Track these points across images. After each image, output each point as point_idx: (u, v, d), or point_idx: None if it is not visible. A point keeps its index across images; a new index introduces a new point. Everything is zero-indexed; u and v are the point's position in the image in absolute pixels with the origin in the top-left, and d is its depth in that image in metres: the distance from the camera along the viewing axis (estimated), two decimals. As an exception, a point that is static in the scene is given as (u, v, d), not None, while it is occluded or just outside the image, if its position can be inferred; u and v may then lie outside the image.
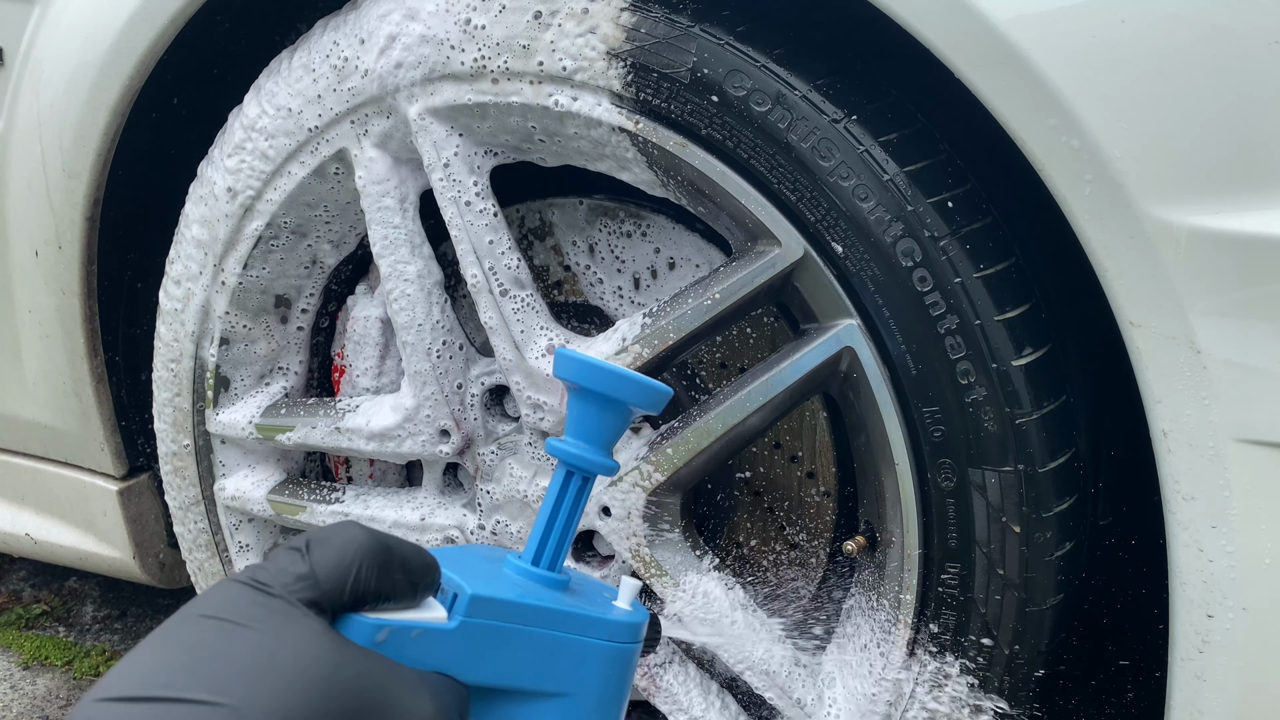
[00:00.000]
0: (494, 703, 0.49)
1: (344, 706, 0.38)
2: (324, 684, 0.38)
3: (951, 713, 0.85)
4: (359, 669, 0.40)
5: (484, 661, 0.47)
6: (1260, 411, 0.65)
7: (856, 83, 0.79)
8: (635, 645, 0.54)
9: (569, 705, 0.50)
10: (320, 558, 0.42)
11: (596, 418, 0.56)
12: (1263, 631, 0.68)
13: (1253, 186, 0.64)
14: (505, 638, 0.48)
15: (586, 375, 0.54)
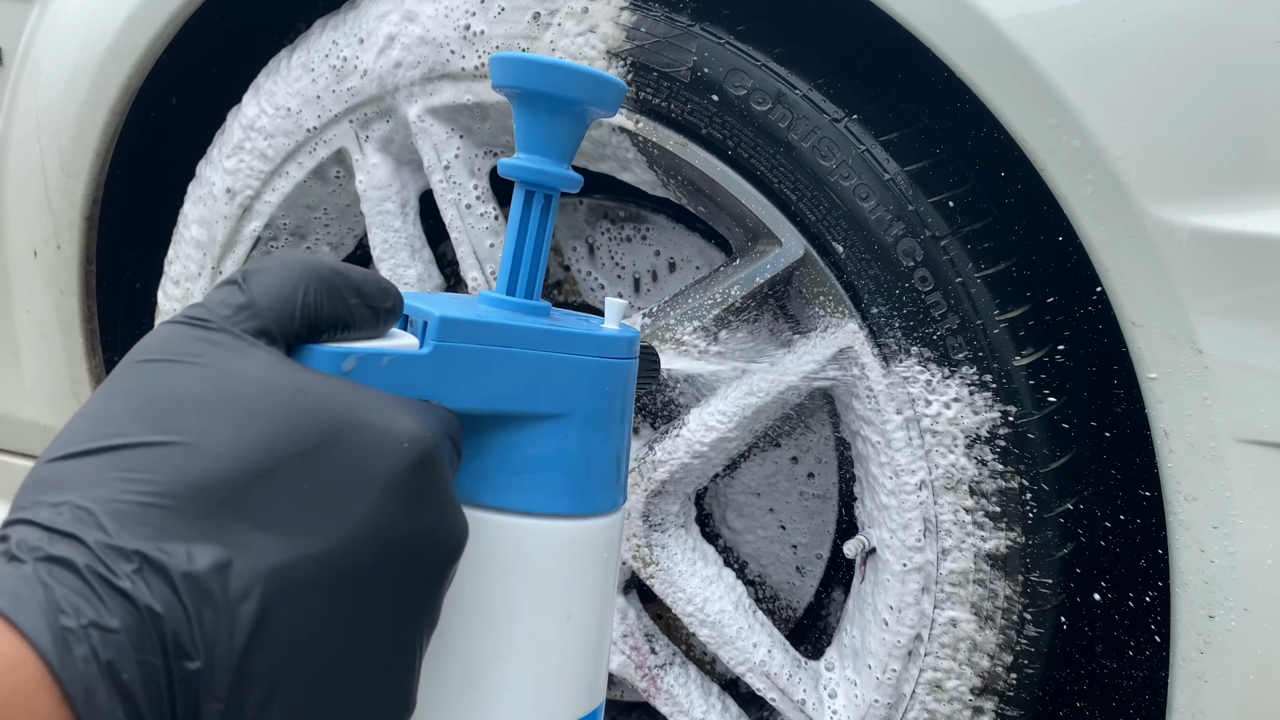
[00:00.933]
0: (490, 430, 0.46)
1: (311, 431, 0.35)
2: (285, 410, 0.35)
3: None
4: (324, 392, 0.37)
5: (468, 387, 0.44)
6: (1262, 412, 0.65)
7: (857, 82, 0.79)
8: (629, 360, 0.50)
9: (568, 426, 0.47)
10: (259, 285, 0.38)
11: (546, 125, 0.49)
12: (1264, 632, 0.68)
13: (1254, 186, 0.64)
14: (486, 361, 0.45)
15: (528, 75, 0.47)
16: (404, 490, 0.37)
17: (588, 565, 0.49)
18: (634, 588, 1.05)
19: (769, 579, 1.07)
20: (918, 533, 0.83)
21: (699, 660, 1.09)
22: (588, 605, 0.49)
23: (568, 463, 0.47)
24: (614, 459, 0.49)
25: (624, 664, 1.01)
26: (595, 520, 0.48)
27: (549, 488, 0.47)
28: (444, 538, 0.38)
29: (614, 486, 0.50)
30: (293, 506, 0.34)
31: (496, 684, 0.46)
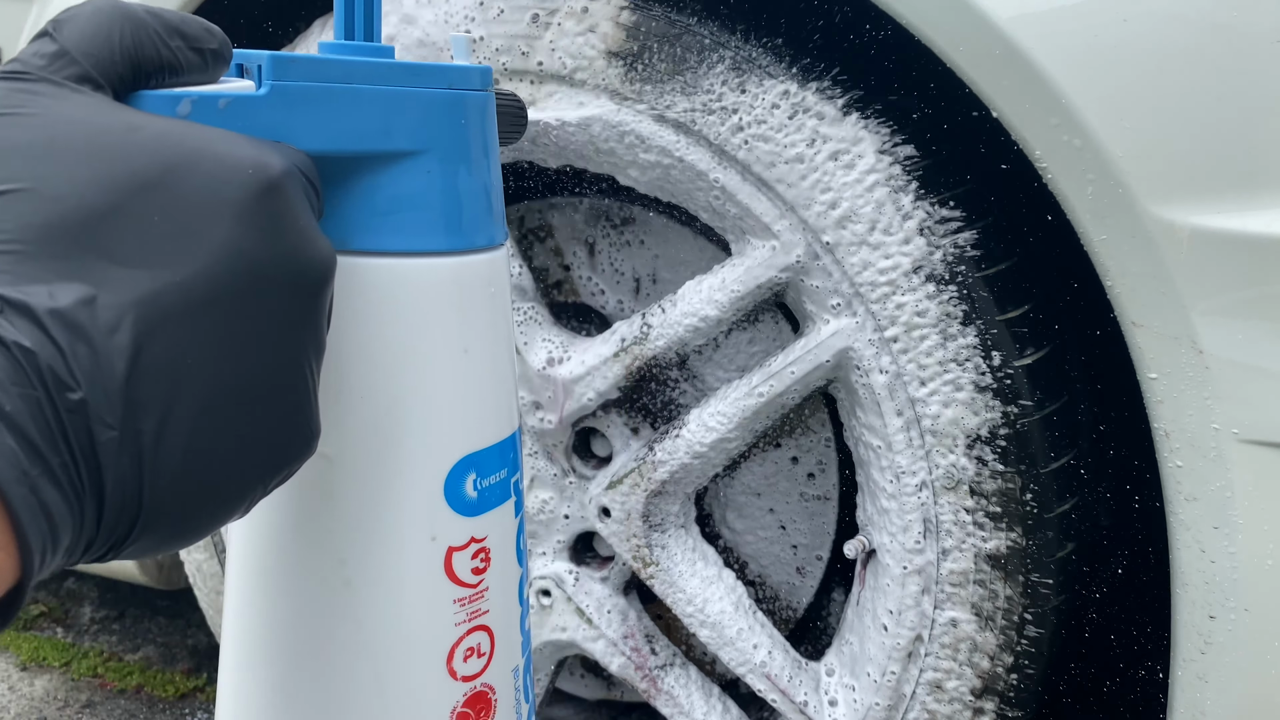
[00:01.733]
0: (352, 174, 0.46)
1: (151, 165, 0.35)
2: (120, 147, 0.35)
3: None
4: (159, 129, 0.36)
5: (314, 127, 0.43)
6: (1262, 412, 0.65)
7: (857, 82, 0.79)
8: (483, 93, 0.49)
9: (429, 162, 0.47)
10: (71, 32, 0.38)
11: None
12: (1265, 632, 0.68)
13: (1255, 186, 0.64)
14: (329, 98, 0.44)
15: None
16: (257, 215, 0.37)
17: (475, 299, 0.49)
18: (634, 588, 1.05)
19: (769, 579, 1.07)
20: (917, 534, 0.83)
21: (699, 661, 1.09)
22: (483, 337, 0.50)
23: (435, 199, 0.47)
24: (483, 193, 0.49)
25: (624, 665, 1.01)
26: (474, 256, 0.49)
27: (420, 225, 0.47)
28: (307, 261, 0.39)
29: (488, 221, 0.50)
30: (146, 240, 0.34)
31: (405, 424, 0.47)
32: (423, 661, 0.49)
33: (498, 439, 0.51)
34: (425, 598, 0.49)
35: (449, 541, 0.49)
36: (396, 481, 0.48)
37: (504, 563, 0.52)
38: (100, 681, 1.56)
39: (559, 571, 1.02)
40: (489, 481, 0.51)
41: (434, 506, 0.48)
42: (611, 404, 0.96)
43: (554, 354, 0.94)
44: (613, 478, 0.95)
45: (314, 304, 0.39)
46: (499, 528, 0.51)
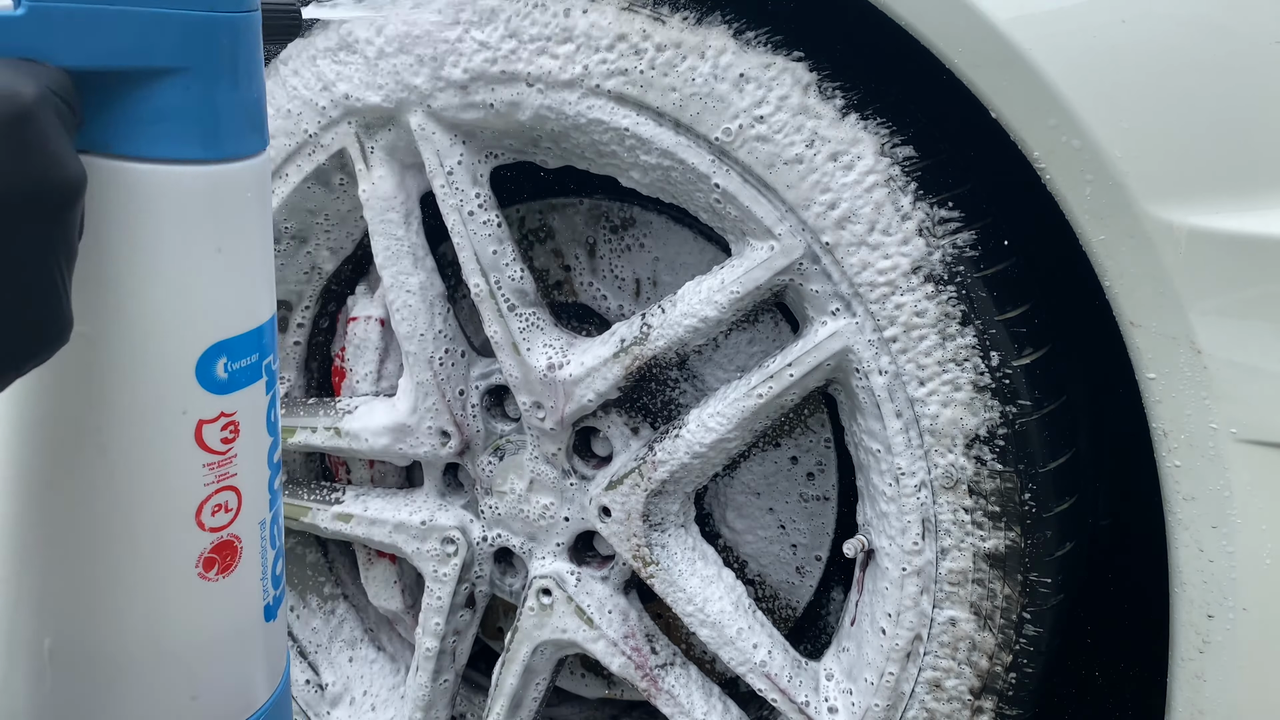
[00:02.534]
0: (117, 84, 0.48)
1: None
2: None
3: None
4: None
5: (74, 45, 0.46)
6: (1260, 411, 0.65)
7: (857, 82, 0.79)
8: (247, 14, 0.52)
9: (189, 78, 0.50)
10: None
11: None
12: (1263, 632, 0.68)
13: (1253, 186, 0.64)
14: (91, 19, 0.46)
15: None
16: (6, 141, 0.40)
17: (230, 205, 0.53)
18: (634, 588, 1.06)
19: (768, 578, 1.07)
20: (916, 535, 0.83)
21: (698, 660, 1.09)
22: (236, 238, 0.54)
23: (194, 112, 0.50)
24: (244, 108, 0.53)
25: (625, 664, 1.01)
26: (231, 164, 0.53)
27: (178, 136, 0.50)
28: (56, 182, 0.42)
29: (249, 133, 0.53)
30: None
31: (159, 312, 0.52)
32: (172, 515, 0.54)
33: (250, 327, 0.56)
34: (175, 464, 0.54)
35: (199, 415, 0.54)
36: (150, 363, 0.53)
37: (253, 433, 0.57)
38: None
39: (560, 571, 1.02)
40: (240, 365, 0.55)
41: (185, 386, 0.53)
42: (611, 404, 0.96)
43: (554, 359, 0.94)
44: (613, 478, 0.95)
45: (61, 219, 0.43)
46: (249, 404, 0.56)
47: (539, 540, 1.03)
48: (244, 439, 0.56)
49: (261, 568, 0.60)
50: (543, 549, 1.03)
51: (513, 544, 1.05)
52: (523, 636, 1.04)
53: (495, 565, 1.09)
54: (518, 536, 1.05)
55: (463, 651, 1.12)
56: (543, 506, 1.01)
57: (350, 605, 1.23)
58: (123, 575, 0.55)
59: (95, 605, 0.55)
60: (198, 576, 0.56)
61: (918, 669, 0.86)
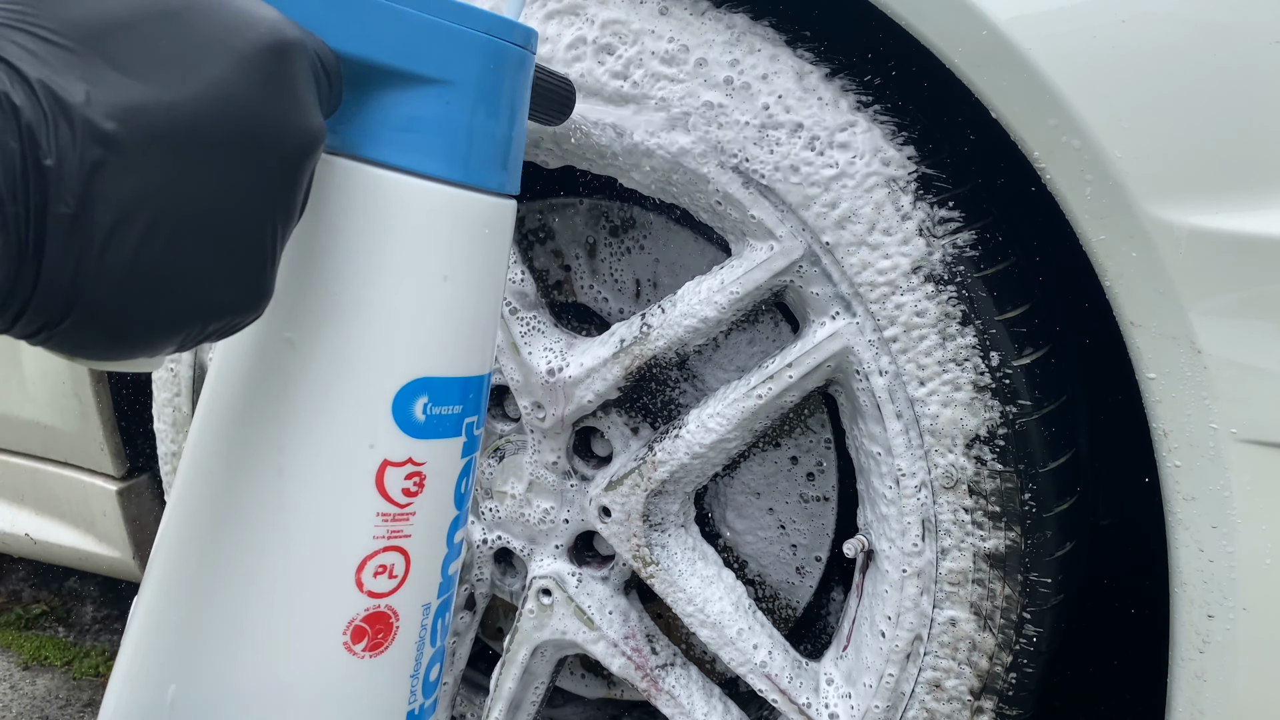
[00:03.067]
0: (377, 85, 0.48)
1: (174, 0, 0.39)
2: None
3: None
4: None
5: (349, 30, 0.46)
6: (1261, 411, 0.65)
7: (856, 82, 0.79)
8: (520, 49, 0.52)
9: (452, 93, 0.49)
10: None
11: None
12: (1263, 632, 0.68)
13: (1253, 186, 0.64)
14: (373, 10, 0.47)
15: None
16: (258, 70, 0.40)
17: (466, 234, 0.51)
18: (634, 588, 1.06)
19: (768, 579, 1.07)
20: (915, 537, 0.83)
21: (698, 660, 1.09)
22: (466, 270, 0.51)
23: (449, 129, 0.49)
24: (500, 141, 0.51)
25: (625, 665, 1.01)
26: (475, 194, 0.51)
27: (429, 149, 0.49)
28: (295, 128, 0.41)
29: (499, 168, 0.52)
30: (151, 59, 0.37)
31: (368, 328, 0.49)
32: (333, 564, 0.50)
33: (460, 374, 0.52)
34: (349, 502, 0.50)
35: (385, 454, 0.50)
36: (348, 381, 0.49)
37: (438, 495, 0.53)
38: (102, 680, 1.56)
39: (560, 571, 1.02)
40: (440, 411, 0.52)
41: (378, 415, 0.50)
42: (611, 404, 0.96)
43: (555, 363, 0.94)
44: (612, 478, 0.95)
45: (290, 170, 0.41)
46: (441, 459, 0.52)
47: (538, 542, 1.03)
48: (426, 498, 0.52)
49: (415, 660, 0.54)
50: (542, 550, 1.03)
51: (513, 545, 1.05)
52: (522, 638, 1.04)
53: (495, 566, 1.09)
54: (518, 539, 1.05)
55: (462, 653, 1.12)
56: (543, 510, 1.01)
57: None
58: (265, 624, 0.50)
59: (230, 656, 0.50)
60: (343, 646, 0.50)
61: (918, 669, 0.86)
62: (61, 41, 0.36)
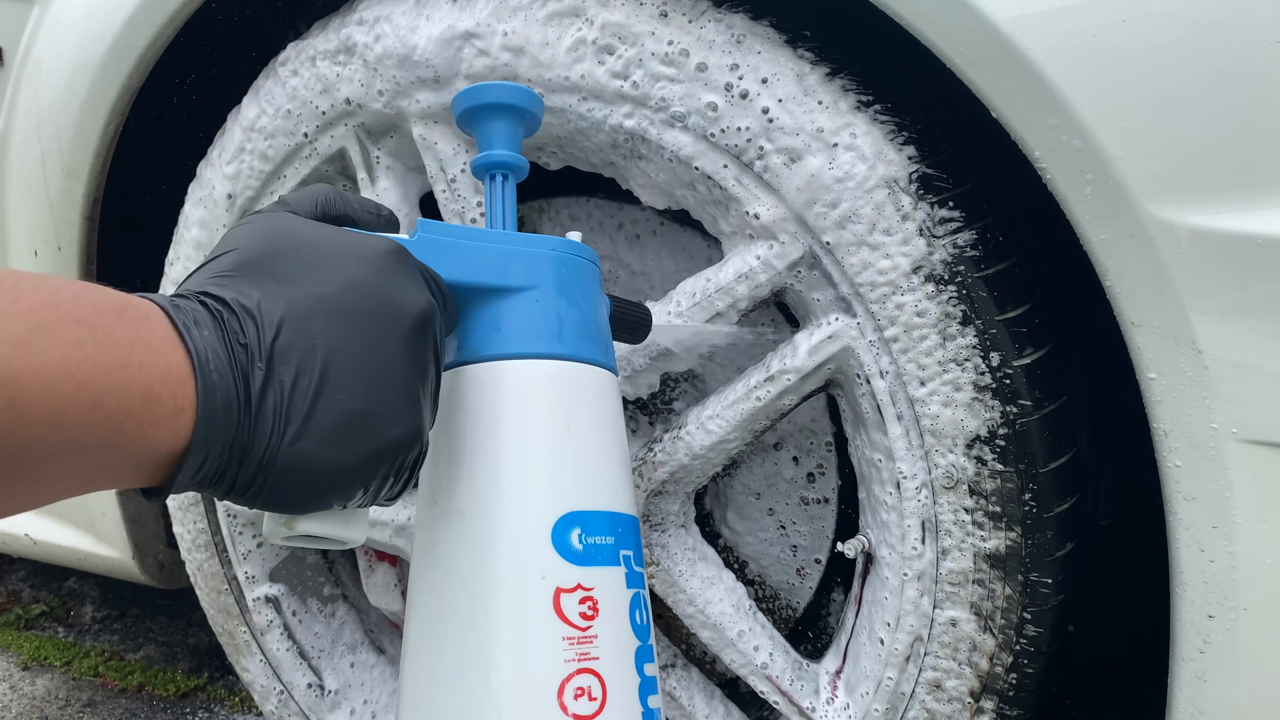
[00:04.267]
0: (483, 303, 0.64)
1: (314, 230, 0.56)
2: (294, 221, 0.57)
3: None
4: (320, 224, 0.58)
5: (449, 264, 0.62)
6: (1261, 412, 0.65)
7: (856, 83, 0.79)
8: (584, 259, 0.67)
9: (537, 294, 0.64)
10: (292, 194, 0.62)
11: (493, 128, 0.71)
12: (1264, 632, 0.68)
13: (1254, 186, 0.64)
14: (463, 249, 0.63)
15: (474, 97, 0.71)
16: (380, 265, 0.55)
17: (576, 394, 0.64)
18: (634, 588, 1.06)
19: (769, 579, 1.07)
20: (915, 540, 0.83)
21: (698, 660, 1.09)
22: (586, 420, 0.64)
23: (540, 318, 0.64)
24: (585, 323, 0.66)
25: (624, 664, 1.01)
26: (574, 364, 0.64)
27: (529, 336, 0.63)
28: (410, 300, 0.55)
29: (590, 344, 0.66)
30: (301, 269, 0.54)
31: (519, 481, 0.61)
32: (538, 692, 0.58)
33: (605, 508, 0.63)
34: (537, 632, 0.59)
35: (557, 582, 0.59)
36: (512, 529, 0.60)
37: (615, 621, 0.61)
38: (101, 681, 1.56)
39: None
40: (594, 540, 0.62)
41: (542, 549, 0.60)
42: (612, 404, 0.96)
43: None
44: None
45: (415, 329, 0.55)
46: (608, 585, 0.62)
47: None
48: (604, 621, 0.60)
49: None
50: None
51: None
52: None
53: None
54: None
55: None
56: None
57: (351, 606, 1.23)
58: None
59: None
60: None
61: (918, 669, 0.86)
62: (241, 272, 0.53)
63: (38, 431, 0.42)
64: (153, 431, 0.46)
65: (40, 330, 0.43)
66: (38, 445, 0.42)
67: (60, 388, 0.43)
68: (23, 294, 0.43)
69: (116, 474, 0.47)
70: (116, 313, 0.47)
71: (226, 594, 1.17)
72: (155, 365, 0.47)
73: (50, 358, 0.42)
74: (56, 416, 0.43)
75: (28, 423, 0.41)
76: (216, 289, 0.52)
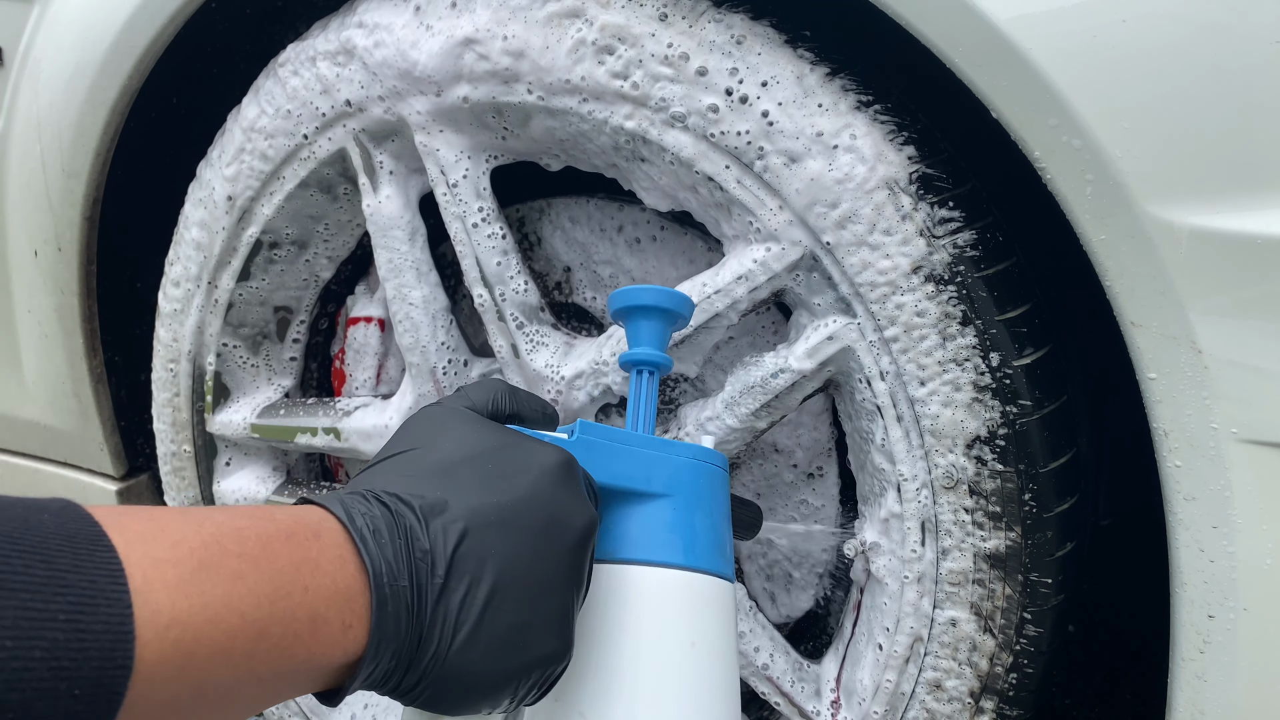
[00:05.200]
0: (624, 505, 0.66)
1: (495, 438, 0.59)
2: (479, 425, 0.61)
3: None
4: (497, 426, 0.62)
5: (601, 466, 0.65)
6: (1261, 411, 0.65)
7: (856, 83, 0.79)
8: (716, 467, 0.70)
9: (675, 502, 0.66)
10: (473, 388, 0.66)
11: (643, 327, 0.74)
12: (1264, 632, 0.68)
13: (1254, 186, 0.64)
14: (614, 452, 0.66)
15: (628, 297, 0.74)
16: (553, 479, 0.58)
17: (703, 608, 0.65)
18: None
19: (769, 579, 1.07)
20: (915, 542, 0.83)
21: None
22: (708, 636, 0.65)
23: (677, 528, 0.66)
24: (713, 533, 0.68)
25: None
26: (704, 576, 0.66)
27: (665, 545, 0.65)
28: (580, 514, 0.58)
29: (717, 556, 0.67)
30: (484, 477, 0.56)
31: (641, 691, 0.63)
32: None
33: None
34: None
35: None
36: None
37: None
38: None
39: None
40: None
41: None
42: (612, 405, 0.96)
43: (556, 371, 0.94)
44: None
45: (580, 544, 0.57)
46: None
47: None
48: None
49: None
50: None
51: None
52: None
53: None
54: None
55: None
56: None
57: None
58: None
59: None
60: None
61: (918, 669, 0.86)
62: (427, 474, 0.56)
63: (208, 665, 0.43)
64: (321, 650, 0.48)
65: (201, 570, 0.44)
66: (211, 678, 0.43)
67: (225, 622, 0.43)
68: (184, 537, 0.44)
69: (293, 688, 0.48)
70: (283, 539, 0.48)
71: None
72: (321, 588, 0.48)
73: (212, 595, 0.43)
74: (224, 650, 0.43)
75: (197, 660, 0.42)
76: (402, 488, 0.54)
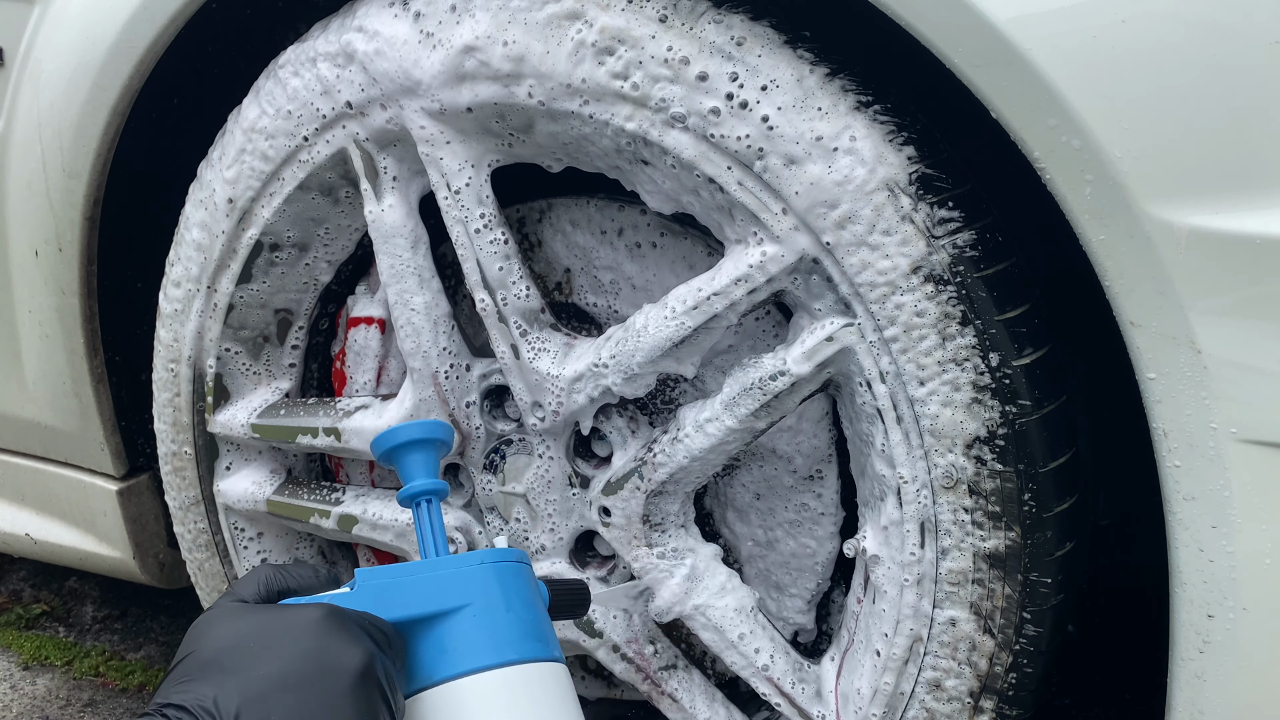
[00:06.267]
0: (429, 630, 0.67)
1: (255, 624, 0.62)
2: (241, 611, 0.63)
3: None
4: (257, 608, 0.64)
5: (391, 604, 0.66)
6: (1260, 411, 0.65)
7: (856, 83, 0.79)
8: (513, 562, 0.71)
9: (474, 609, 0.67)
10: (238, 582, 0.68)
11: (410, 461, 0.75)
12: (1263, 631, 0.68)
13: (1253, 186, 0.64)
14: (400, 586, 0.67)
15: (389, 439, 0.75)
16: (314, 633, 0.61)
17: (532, 695, 0.66)
18: (634, 588, 1.06)
19: (769, 579, 1.07)
20: (914, 544, 0.83)
21: (698, 660, 1.09)
22: (546, 717, 0.66)
23: (481, 631, 0.67)
24: (520, 624, 0.68)
25: (627, 669, 1.01)
26: (521, 666, 0.67)
27: (473, 651, 0.66)
28: (348, 656, 0.60)
29: (531, 643, 0.68)
30: (249, 657, 0.59)
31: None
32: None
33: None
34: None
35: None
36: None
37: None
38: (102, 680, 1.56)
39: (560, 573, 1.02)
40: None
41: None
42: (611, 406, 0.96)
43: (556, 375, 0.94)
44: (612, 479, 0.95)
45: (355, 684, 0.60)
46: None
47: (545, 550, 1.03)
48: None
49: None
50: (543, 551, 1.03)
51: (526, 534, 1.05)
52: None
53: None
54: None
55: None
56: (545, 513, 1.01)
57: (350, 606, 1.23)
58: None
59: None
60: None
61: (917, 669, 0.86)
62: (197, 674, 0.59)
63: None
64: None
65: None
66: None
67: None
68: None
69: None
70: None
71: (227, 594, 1.17)
72: None
73: None
74: None
75: None
76: (177, 697, 0.58)
